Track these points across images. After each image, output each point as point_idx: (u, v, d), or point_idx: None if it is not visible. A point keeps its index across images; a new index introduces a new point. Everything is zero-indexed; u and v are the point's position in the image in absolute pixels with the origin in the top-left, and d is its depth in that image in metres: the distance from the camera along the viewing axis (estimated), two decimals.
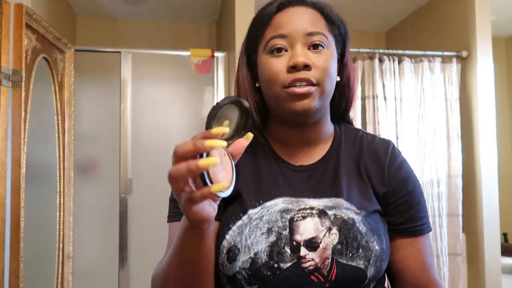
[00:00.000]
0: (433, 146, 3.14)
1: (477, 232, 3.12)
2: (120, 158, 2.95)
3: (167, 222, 1.00)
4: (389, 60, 3.12)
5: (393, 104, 3.09)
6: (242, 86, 1.02)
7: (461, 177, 3.13)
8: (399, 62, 3.15)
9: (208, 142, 0.67)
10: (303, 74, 0.89)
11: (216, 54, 3.02)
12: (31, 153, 2.17)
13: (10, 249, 1.98)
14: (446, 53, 3.22)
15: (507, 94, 4.61)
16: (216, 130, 0.70)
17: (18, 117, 2.04)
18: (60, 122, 2.54)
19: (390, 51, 3.20)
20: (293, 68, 0.90)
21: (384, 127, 3.04)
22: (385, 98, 3.09)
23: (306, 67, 0.90)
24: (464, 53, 3.21)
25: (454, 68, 3.19)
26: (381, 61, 3.12)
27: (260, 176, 0.98)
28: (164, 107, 3.34)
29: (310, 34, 0.92)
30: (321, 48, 0.93)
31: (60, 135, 2.54)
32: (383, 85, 3.09)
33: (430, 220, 3.04)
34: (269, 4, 0.97)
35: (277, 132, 1.03)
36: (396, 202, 0.99)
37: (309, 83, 0.90)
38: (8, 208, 1.99)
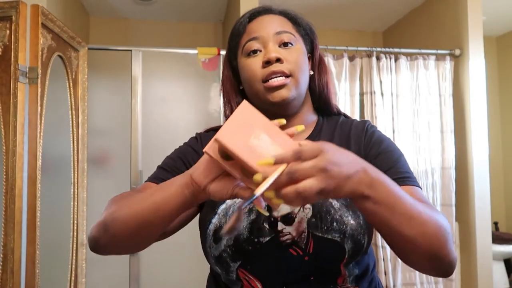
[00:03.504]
0: (427, 140, 3.14)
1: (469, 221, 3.12)
2: (131, 151, 2.94)
3: (145, 181, 1.03)
4: (386, 58, 3.11)
5: (390, 99, 3.10)
6: (224, 87, 1.10)
7: (454, 169, 3.14)
8: (396, 60, 3.15)
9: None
10: (277, 67, 0.96)
11: (222, 52, 3.00)
12: (47, 146, 2.16)
13: (27, 236, 1.98)
14: (440, 51, 3.23)
15: (497, 90, 4.60)
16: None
17: (34, 112, 2.03)
18: (74, 116, 2.53)
19: (387, 49, 3.20)
20: (267, 63, 0.97)
21: (382, 121, 3.04)
22: (382, 94, 3.09)
23: (278, 60, 0.97)
24: (457, 51, 3.21)
25: (447, 65, 3.19)
26: (378, 59, 3.12)
27: None
28: (172, 103, 3.32)
29: (279, 33, 1.00)
30: (290, 45, 1.01)
31: (74, 129, 2.53)
32: (380, 82, 3.10)
33: None
34: (243, 15, 1.06)
35: None
36: (374, 159, 0.96)
37: (283, 74, 0.97)
38: (25, 198, 1.99)
